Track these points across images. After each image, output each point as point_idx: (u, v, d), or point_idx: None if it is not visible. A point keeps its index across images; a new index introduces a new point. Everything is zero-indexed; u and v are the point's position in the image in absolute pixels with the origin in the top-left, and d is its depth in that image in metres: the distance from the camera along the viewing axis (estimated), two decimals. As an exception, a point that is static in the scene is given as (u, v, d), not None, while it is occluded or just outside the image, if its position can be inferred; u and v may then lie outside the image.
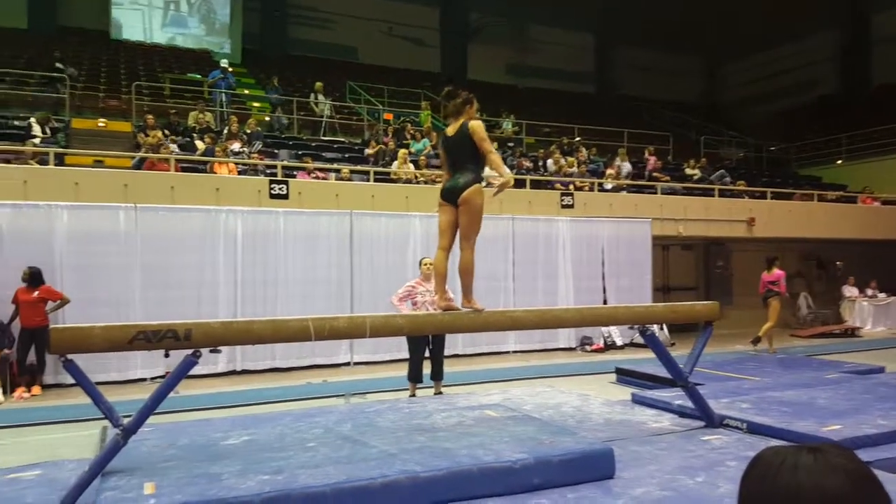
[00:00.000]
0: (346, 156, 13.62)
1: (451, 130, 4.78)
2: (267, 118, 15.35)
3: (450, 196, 4.74)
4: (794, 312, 15.73)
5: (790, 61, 25.13)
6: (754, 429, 5.54)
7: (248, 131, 12.88)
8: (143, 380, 8.84)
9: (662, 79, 26.71)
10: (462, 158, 4.73)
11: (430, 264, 7.61)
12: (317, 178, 11.48)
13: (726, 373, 8.53)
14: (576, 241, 12.11)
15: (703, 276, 16.10)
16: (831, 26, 24.63)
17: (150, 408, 4.01)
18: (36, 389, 8.18)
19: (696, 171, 16.32)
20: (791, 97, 25.09)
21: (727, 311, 9.08)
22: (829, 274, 16.73)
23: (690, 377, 5.64)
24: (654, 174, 15.47)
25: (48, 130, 11.35)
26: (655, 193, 14.05)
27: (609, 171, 14.58)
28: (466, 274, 4.96)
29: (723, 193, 14.91)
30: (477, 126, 4.64)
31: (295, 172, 11.51)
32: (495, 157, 4.79)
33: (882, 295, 15.70)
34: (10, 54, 15.94)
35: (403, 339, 8.09)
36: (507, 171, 4.83)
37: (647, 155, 16.27)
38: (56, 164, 9.90)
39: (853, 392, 6.81)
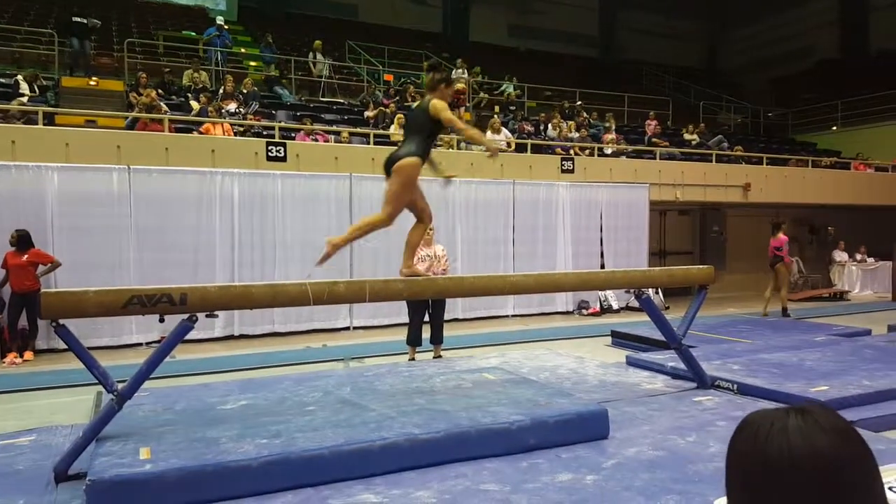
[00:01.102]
0: (346, 118, 13.44)
1: (420, 103, 4.77)
2: (262, 77, 15.10)
3: (387, 166, 4.60)
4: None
5: (790, 27, 24.77)
6: (744, 390, 5.65)
7: (245, 91, 12.66)
8: (139, 345, 8.82)
9: (664, 43, 26.32)
10: (411, 131, 4.69)
11: (432, 229, 7.57)
12: (315, 140, 11.34)
13: (719, 335, 8.63)
14: (575, 206, 12.06)
15: (699, 241, 16.12)
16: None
17: (145, 373, 3.98)
18: (28, 355, 8.11)
19: (695, 137, 16.21)
20: (790, 63, 24.79)
21: (721, 275, 9.13)
22: (821, 239, 16.81)
23: (684, 340, 5.69)
24: (654, 139, 15.35)
25: (36, 89, 11.10)
26: (654, 159, 13.96)
27: (608, 137, 14.45)
28: (368, 227, 4.69)
29: (720, 159, 14.84)
30: (439, 103, 4.55)
31: (293, 134, 11.36)
32: (465, 128, 4.81)
33: (870, 260, 15.90)
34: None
35: (403, 304, 8.09)
36: (484, 137, 4.86)
37: (648, 120, 16.11)
38: (45, 124, 9.72)
39: (840, 354, 6.96)
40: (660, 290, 12.08)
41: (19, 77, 11.04)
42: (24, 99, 10.60)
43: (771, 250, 11.33)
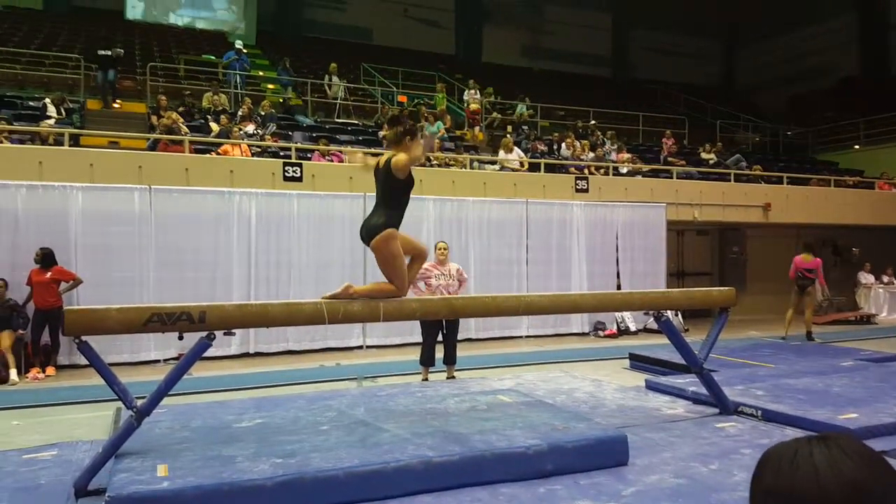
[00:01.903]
0: (360, 138, 13.56)
1: (382, 160, 4.45)
2: (281, 100, 15.31)
3: (363, 235, 4.44)
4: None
5: (808, 45, 24.71)
6: (769, 416, 5.49)
7: (262, 113, 12.84)
8: (157, 361, 8.88)
9: (679, 62, 26.39)
10: (379, 195, 4.46)
11: (445, 248, 7.59)
12: (330, 160, 11.44)
13: (741, 359, 8.45)
14: (590, 226, 12.02)
15: (718, 262, 15.97)
16: (850, 9, 24.17)
17: (164, 390, 4.02)
18: (50, 370, 8.22)
19: (712, 156, 16.14)
20: (809, 81, 24.69)
21: (741, 297, 9.00)
22: (845, 260, 16.54)
23: (705, 363, 5.60)
24: (670, 159, 15.31)
25: (63, 111, 11.36)
26: (671, 178, 13.92)
27: (623, 156, 14.45)
28: (384, 294, 4.49)
29: (739, 178, 14.74)
30: (401, 160, 4.29)
31: (309, 155, 11.47)
32: (411, 152, 4.35)
33: (898, 282, 15.53)
34: (25, 35, 15.98)
35: (416, 323, 8.08)
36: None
37: (664, 139, 16.09)
38: (71, 145, 9.92)
39: (869, 380, 6.76)
40: (679, 313, 11.96)
41: (47, 100, 11.31)
42: (52, 121, 10.84)
43: (801, 271, 10.97)
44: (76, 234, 8.75)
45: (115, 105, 13.06)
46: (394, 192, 4.39)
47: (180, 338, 4.13)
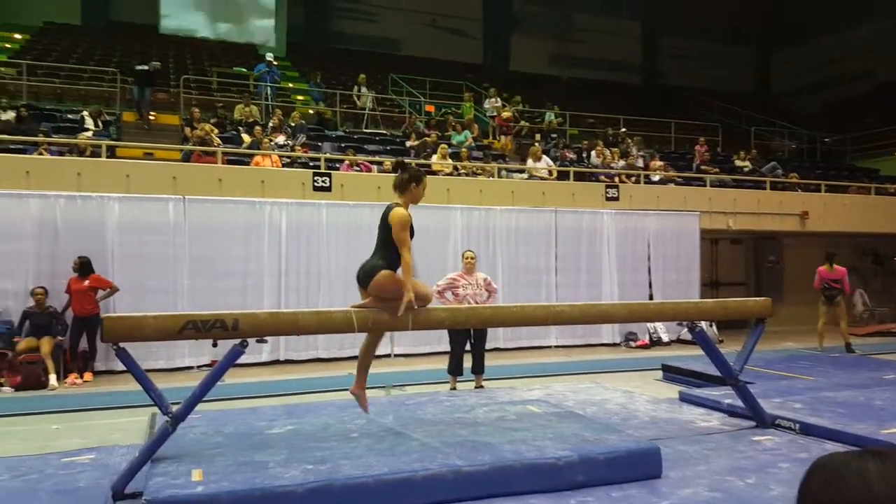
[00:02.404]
0: (388, 148, 13.65)
1: (387, 206, 4.47)
2: (311, 111, 15.49)
3: (360, 277, 4.40)
4: (848, 309, 15.21)
5: (846, 49, 24.16)
6: (808, 430, 5.35)
7: (293, 124, 13.01)
8: (190, 368, 9.03)
9: (711, 68, 26.04)
10: (379, 239, 4.45)
11: (473, 258, 7.59)
12: (359, 170, 11.53)
13: (778, 371, 8.28)
14: (621, 235, 11.92)
15: (754, 271, 15.68)
16: (890, 12, 23.64)
17: (199, 396, 4.08)
18: (87, 376, 8.42)
19: (747, 163, 15.89)
20: (847, 86, 24.13)
21: (778, 307, 8.75)
22: (887, 270, 16.11)
23: (740, 375, 5.49)
24: (703, 166, 15.13)
25: (100, 123, 11.64)
26: (704, 186, 13.75)
27: (654, 164, 14.31)
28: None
29: (774, 186, 14.50)
30: (397, 216, 4.30)
31: (338, 165, 11.58)
32: (407, 256, 4.27)
33: (944, 292, 15.08)
34: (64, 50, 16.42)
35: (443, 332, 8.08)
36: (412, 285, 4.28)
37: (697, 146, 15.90)
38: (108, 157, 10.16)
39: (913, 393, 6.55)
40: (713, 323, 11.77)
41: (85, 113, 11.60)
42: (89, 133, 11.12)
43: (822, 280, 10.82)
44: (113, 243, 8.95)
45: (151, 116, 13.35)
46: (387, 240, 4.37)
47: (214, 345, 4.19)
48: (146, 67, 13.14)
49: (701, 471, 4.47)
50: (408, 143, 13.50)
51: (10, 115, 11.00)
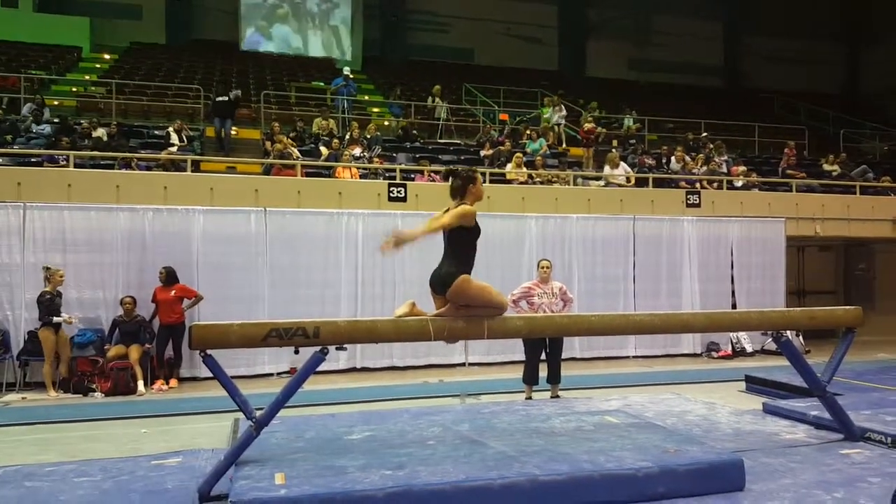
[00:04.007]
0: (462, 158, 13.73)
1: (446, 215, 4.42)
2: (386, 123, 15.76)
3: (435, 285, 4.43)
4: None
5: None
6: (901, 444, 5.09)
7: (368, 136, 13.26)
8: (270, 375, 9.31)
9: (796, 69, 24.98)
10: (447, 246, 4.43)
11: (548, 266, 7.53)
12: (433, 180, 11.65)
13: (868, 383, 7.88)
14: (702, 242, 11.58)
15: (843, 280, 14.94)
16: None
17: (281, 401, 4.21)
18: (173, 382, 8.78)
19: (836, 167, 15.17)
20: (946, 83, 22.72)
21: (869, 316, 8.25)
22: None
23: (829, 387, 5.27)
24: (789, 171, 14.52)
25: (184, 138, 12.16)
26: (790, 191, 13.21)
27: (737, 169, 13.84)
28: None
29: (865, 191, 13.78)
30: (459, 209, 4.31)
31: (413, 175, 11.74)
32: (433, 227, 4.29)
33: None
34: (149, 68, 17.33)
35: (517, 341, 8.03)
36: (421, 232, 4.28)
37: (786, 150, 15.27)
38: (192, 171, 10.63)
39: None
40: (800, 333, 11.27)
41: (170, 129, 12.17)
42: (174, 148, 11.65)
43: None
44: (197, 253, 9.34)
45: (233, 132, 13.85)
46: (461, 242, 4.37)
47: (296, 352, 4.33)
48: (227, 98, 13.00)
49: (786, 484, 4.31)
50: (482, 153, 13.54)
51: (101, 132, 11.63)
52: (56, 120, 12.20)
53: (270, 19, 21.66)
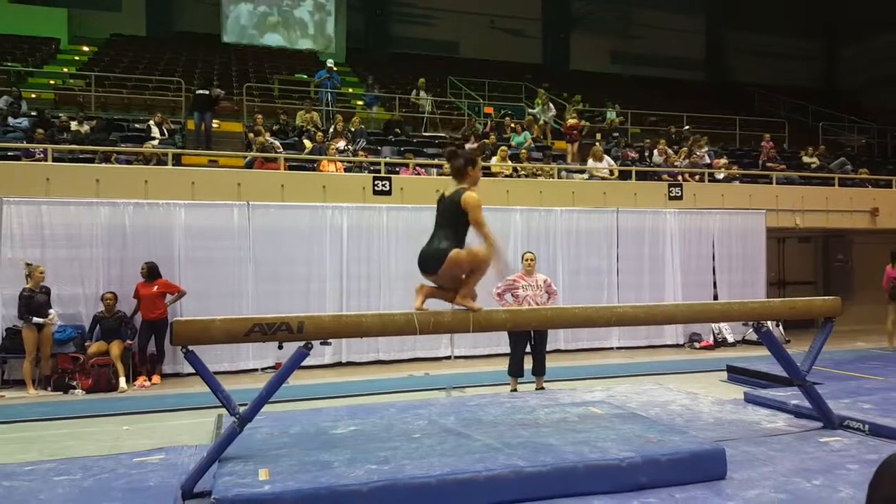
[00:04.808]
0: (447, 151, 13.70)
1: (448, 191, 4.46)
2: (371, 115, 15.69)
3: (424, 265, 4.35)
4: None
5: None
6: (877, 431, 5.22)
7: (353, 129, 13.19)
8: (255, 370, 9.26)
9: (777, 63, 25.23)
10: (444, 223, 4.41)
11: (532, 259, 7.56)
12: (418, 174, 11.63)
13: (846, 372, 8.06)
14: (684, 234, 11.67)
15: (822, 270, 15.13)
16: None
17: (265, 397, 4.19)
18: (155, 378, 8.68)
19: (815, 160, 15.33)
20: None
21: (848, 306, 8.32)
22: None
23: (808, 376, 5.36)
24: (769, 163, 14.66)
25: (165, 132, 12.00)
26: (770, 183, 13.33)
27: (718, 162, 13.94)
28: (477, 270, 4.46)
29: (844, 182, 13.96)
30: (472, 199, 4.29)
31: (397, 168, 11.71)
32: (490, 232, 4.32)
33: None
34: (130, 61, 17.10)
35: (503, 334, 8.06)
36: (494, 249, 4.34)
37: (764, 142, 15.41)
38: (174, 165, 10.51)
39: None
40: (780, 323, 11.41)
41: (151, 122, 12.00)
42: (155, 142, 11.50)
43: (889, 279, 10.67)
44: (179, 248, 9.24)
45: (215, 125, 13.71)
46: (460, 221, 4.35)
47: (280, 347, 4.30)
48: (207, 92, 12.71)
49: (766, 472, 4.40)
50: (467, 146, 13.51)
51: (85, 127, 11.47)
52: (34, 113, 12.01)
53: (253, 11, 21.41)
